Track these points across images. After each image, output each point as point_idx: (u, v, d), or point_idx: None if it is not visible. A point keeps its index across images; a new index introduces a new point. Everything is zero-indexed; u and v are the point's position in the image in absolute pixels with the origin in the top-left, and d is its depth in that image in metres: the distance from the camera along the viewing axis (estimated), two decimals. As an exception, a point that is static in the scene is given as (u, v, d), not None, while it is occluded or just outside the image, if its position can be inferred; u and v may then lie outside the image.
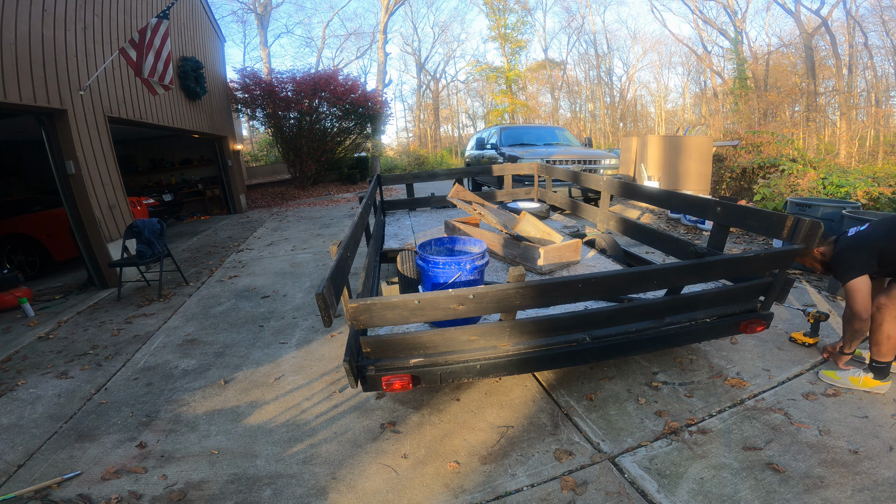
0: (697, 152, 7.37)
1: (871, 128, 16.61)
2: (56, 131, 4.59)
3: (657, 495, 1.68)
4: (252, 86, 12.74)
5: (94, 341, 3.54)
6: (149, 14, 6.65)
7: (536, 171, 5.16)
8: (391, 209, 5.26)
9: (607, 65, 29.40)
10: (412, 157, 23.34)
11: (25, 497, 1.90)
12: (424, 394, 2.44)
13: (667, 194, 3.11)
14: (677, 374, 2.48)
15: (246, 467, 2.01)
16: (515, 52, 27.02)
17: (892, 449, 1.82)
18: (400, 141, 32.31)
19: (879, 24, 17.25)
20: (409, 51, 31.35)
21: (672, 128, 26.05)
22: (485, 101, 30.99)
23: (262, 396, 2.57)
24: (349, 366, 1.71)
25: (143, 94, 6.36)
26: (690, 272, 1.92)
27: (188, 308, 4.15)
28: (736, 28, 21.46)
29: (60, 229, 5.80)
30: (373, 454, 2.03)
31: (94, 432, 2.34)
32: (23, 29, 4.08)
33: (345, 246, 1.84)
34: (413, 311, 1.63)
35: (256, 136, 24.04)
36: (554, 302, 1.79)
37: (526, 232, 2.99)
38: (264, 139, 20.80)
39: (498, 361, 1.91)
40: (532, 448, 1.99)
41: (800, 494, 1.63)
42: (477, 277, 2.12)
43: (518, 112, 26.56)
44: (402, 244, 3.62)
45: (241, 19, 28.32)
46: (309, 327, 3.48)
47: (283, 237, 7.14)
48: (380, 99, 14.69)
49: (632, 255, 3.31)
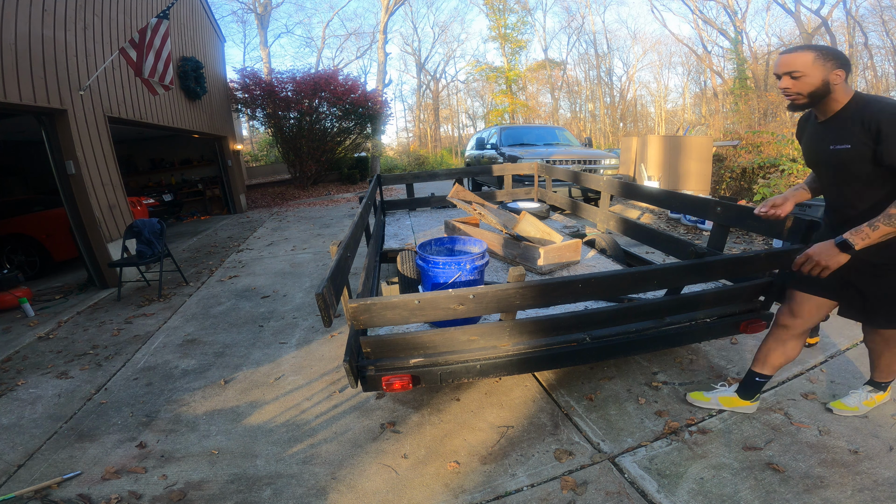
0: (697, 152, 7.36)
1: (871, 128, 16.59)
2: (56, 131, 4.59)
3: (657, 495, 1.68)
4: (252, 86, 12.74)
5: (94, 341, 3.54)
6: (149, 14, 6.65)
7: (536, 171, 5.15)
8: (391, 209, 5.26)
9: (607, 65, 29.43)
10: (412, 157, 23.35)
11: (25, 497, 1.90)
12: (424, 394, 2.44)
13: (667, 194, 3.11)
14: (677, 374, 2.48)
15: (246, 467, 2.01)
16: (515, 52, 27.01)
17: (892, 449, 1.82)
18: (400, 141, 32.32)
19: (879, 24, 17.27)
20: (409, 51, 31.36)
21: (672, 128, 26.05)
22: (485, 101, 31.00)
23: (262, 396, 2.57)
24: (349, 366, 1.71)
25: (143, 94, 6.37)
26: (690, 272, 1.92)
27: (188, 308, 4.15)
28: (736, 28, 21.46)
29: (60, 229, 5.80)
30: (373, 454, 2.03)
31: (94, 432, 2.34)
32: (23, 29, 4.08)
33: (345, 246, 1.84)
34: (413, 311, 1.63)
35: (256, 136, 24.04)
36: (554, 302, 1.79)
37: (526, 232, 2.99)
38: (264, 139, 20.81)
39: (498, 361, 1.91)
40: (532, 448, 1.99)
41: (800, 494, 1.63)
42: (477, 277, 2.12)
43: (518, 112, 26.56)
44: (402, 244, 3.62)
45: (241, 19, 28.34)
46: (309, 327, 3.48)
47: (283, 237, 7.14)
48: (380, 99, 14.70)
49: (632, 255, 3.31)
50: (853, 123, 1.57)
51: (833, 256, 1.59)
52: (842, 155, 1.63)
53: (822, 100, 1.62)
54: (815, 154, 1.77)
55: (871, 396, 2.08)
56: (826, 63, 1.55)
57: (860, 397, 2.08)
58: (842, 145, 1.62)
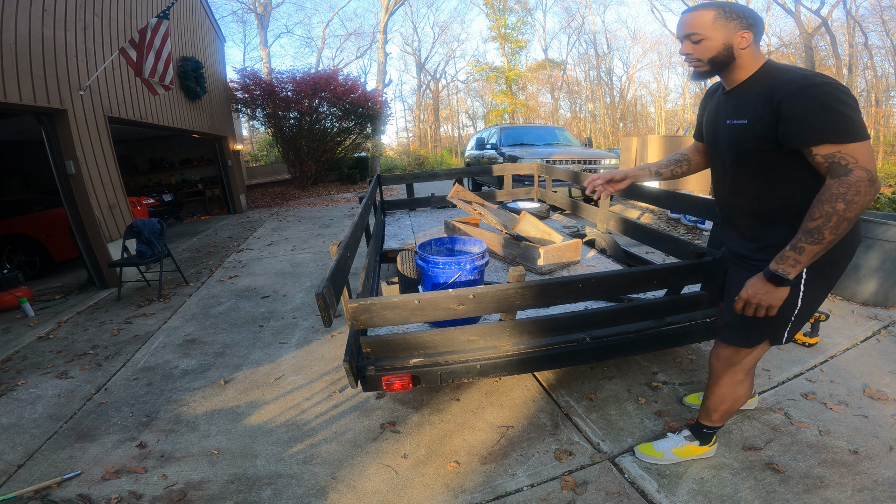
0: (697, 152, 7.36)
1: (872, 128, 16.61)
2: (56, 131, 4.59)
3: (657, 495, 1.68)
4: (252, 86, 12.74)
5: (94, 341, 3.54)
6: (149, 14, 6.65)
7: (536, 171, 5.15)
8: (391, 209, 5.26)
9: (607, 65, 29.44)
10: (412, 157, 23.35)
11: (25, 497, 1.90)
12: (424, 394, 2.44)
13: (667, 194, 3.11)
14: (677, 374, 2.48)
15: (246, 467, 2.01)
16: (515, 52, 27.04)
17: (892, 449, 1.82)
18: (400, 141, 32.35)
19: (879, 24, 17.27)
20: (409, 51, 31.39)
21: (672, 128, 26.05)
22: (485, 101, 31.03)
23: (262, 396, 2.57)
24: (349, 366, 1.71)
25: (143, 94, 6.37)
26: (690, 272, 1.92)
27: (188, 308, 4.15)
28: (736, 28, 21.44)
29: (60, 229, 5.80)
30: (373, 454, 2.03)
31: (94, 432, 2.34)
32: (23, 29, 4.08)
33: (345, 246, 1.84)
34: (413, 311, 1.63)
35: (256, 136, 24.07)
36: (554, 302, 1.79)
37: (526, 232, 2.99)
38: (264, 139, 20.82)
39: (498, 361, 1.91)
40: (532, 448, 1.99)
41: (800, 494, 1.63)
42: (477, 277, 2.12)
43: (518, 112, 26.57)
44: (402, 244, 3.62)
45: (241, 19, 28.40)
46: (309, 327, 3.48)
47: (283, 237, 7.14)
48: (380, 99, 14.69)
49: (632, 255, 3.31)
50: (757, 96, 1.31)
51: (770, 294, 1.32)
52: (737, 131, 1.38)
53: (727, 67, 1.36)
54: (713, 130, 1.51)
55: (683, 445, 1.79)
56: (728, 23, 1.30)
57: (672, 444, 1.82)
58: (739, 120, 1.37)
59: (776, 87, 1.26)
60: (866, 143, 1.18)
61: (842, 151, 1.18)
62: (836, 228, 1.20)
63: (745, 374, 1.60)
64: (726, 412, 1.68)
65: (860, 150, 1.17)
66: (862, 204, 1.17)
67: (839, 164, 1.19)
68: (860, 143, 1.17)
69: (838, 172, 1.19)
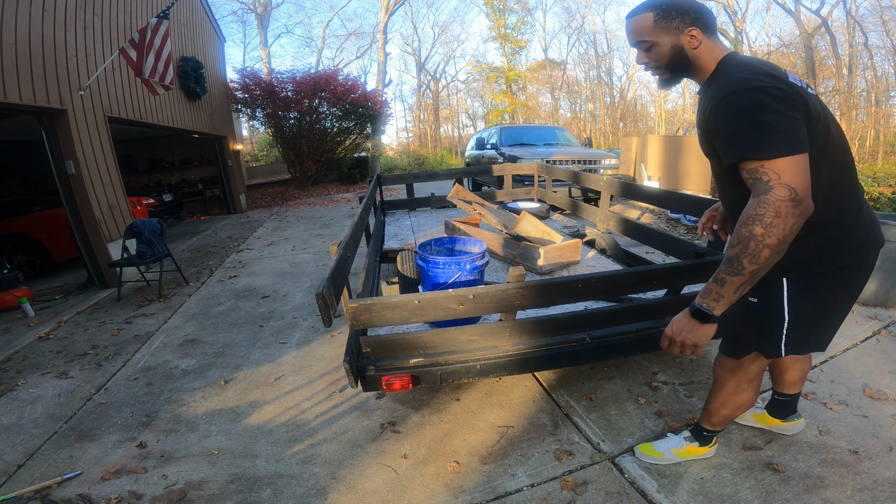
0: (697, 152, 7.35)
1: (871, 128, 16.59)
2: (56, 131, 4.59)
3: (657, 495, 1.68)
4: (252, 86, 12.74)
5: (94, 341, 3.54)
6: (149, 14, 6.65)
7: (536, 171, 5.15)
8: (391, 209, 5.26)
9: (607, 65, 29.43)
10: (412, 157, 23.35)
11: (25, 497, 1.90)
12: (424, 394, 2.44)
13: (667, 194, 3.11)
14: (677, 374, 2.48)
15: (246, 467, 2.01)
16: (515, 52, 27.04)
17: (892, 449, 1.82)
18: (400, 141, 32.35)
19: (879, 24, 17.25)
20: (409, 51, 31.39)
21: (672, 128, 26.04)
22: (485, 101, 31.03)
23: (262, 396, 2.57)
24: (349, 366, 1.71)
25: (143, 94, 6.37)
26: (690, 272, 1.92)
27: (188, 308, 4.15)
28: (736, 28, 21.44)
29: (60, 229, 5.80)
30: (373, 454, 2.03)
31: (94, 432, 2.34)
32: (23, 29, 4.08)
33: (345, 246, 1.84)
34: (413, 311, 1.63)
35: (256, 136, 24.06)
36: (554, 302, 1.79)
37: (526, 232, 2.99)
38: (264, 139, 20.82)
39: (498, 361, 1.91)
40: (532, 448, 1.99)
41: (800, 494, 1.63)
42: (477, 277, 2.12)
43: (518, 112, 26.57)
44: (402, 244, 3.62)
45: (241, 19, 28.43)
46: (309, 327, 3.48)
47: (283, 237, 7.14)
48: (380, 99, 14.70)
49: (632, 255, 3.31)
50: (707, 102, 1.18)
51: (695, 331, 1.18)
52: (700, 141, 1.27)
53: (688, 69, 1.23)
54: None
55: (683, 446, 1.78)
56: (670, 24, 1.17)
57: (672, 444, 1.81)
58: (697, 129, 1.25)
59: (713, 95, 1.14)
60: (795, 157, 1.02)
61: (764, 166, 1.04)
62: (754, 257, 1.04)
63: (748, 383, 1.56)
64: (726, 417, 1.66)
65: (784, 166, 1.02)
66: (784, 228, 1.01)
67: (760, 180, 1.05)
68: (786, 157, 1.02)
69: (758, 190, 1.05)
